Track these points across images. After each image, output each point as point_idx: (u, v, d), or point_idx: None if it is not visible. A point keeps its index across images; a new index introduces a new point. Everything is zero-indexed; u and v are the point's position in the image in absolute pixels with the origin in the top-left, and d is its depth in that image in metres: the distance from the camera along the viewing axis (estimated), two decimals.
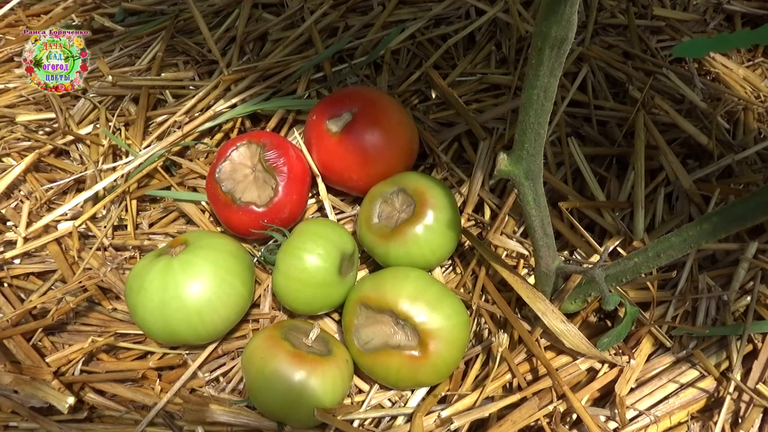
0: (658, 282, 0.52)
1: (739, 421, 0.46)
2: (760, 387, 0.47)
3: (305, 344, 0.49)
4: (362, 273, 0.60)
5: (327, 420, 0.44)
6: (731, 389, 0.46)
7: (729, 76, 0.69)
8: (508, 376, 0.50)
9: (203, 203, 0.64)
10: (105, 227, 0.62)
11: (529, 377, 0.51)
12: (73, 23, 0.85)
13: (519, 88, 0.69)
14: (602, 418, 0.47)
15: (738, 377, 0.47)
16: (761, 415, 0.46)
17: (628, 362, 0.49)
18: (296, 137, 0.64)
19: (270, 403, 0.47)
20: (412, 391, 0.52)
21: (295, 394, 0.46)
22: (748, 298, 0.51)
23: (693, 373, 0.49)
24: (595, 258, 0.54)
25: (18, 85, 0.78)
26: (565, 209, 0.55)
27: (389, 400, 0.53)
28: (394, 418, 0.51)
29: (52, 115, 0.72)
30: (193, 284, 0.50)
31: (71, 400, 0.49)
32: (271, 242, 0.56)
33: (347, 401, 0.52)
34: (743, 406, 0.46)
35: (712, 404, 0.48)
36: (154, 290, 0.50)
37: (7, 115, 0.74)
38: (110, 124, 0.71)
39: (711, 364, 0.48)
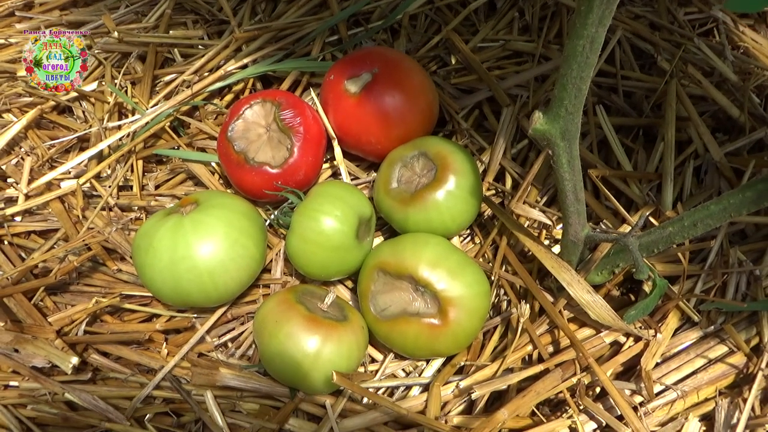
0: (687, 255, 0.51)
1: None
2: None
3: (320, 309, 0.47)
4: (378, 240, 0.58)
5: (346, 385, 0.43)
6: (763, 365, 0.45)
7: (759, 51, 0.67)
8: (529, 347, 0.49)
9: (213, 164, 0.62)
10: (110, 187, 0.60)
11: (551, 349, 0.49)
12: None
13: (543, 56, 0.66)
14: (627, 392, 0.45)
15: None
16: None
17: (654, 336, 0.47)
18: (312, 98, 0.61)
19: (283, 368, 0.45)
20: (427, 362, 0.51)
21: (310, 360, 0.44)
22: None
23: (722, 349, 0.47)
24: (624, 228, 0.53)
25: (20, 41, 0.75)
26: (595, 177, 0.52)
27: (403, 370, 0.51)
28: (408, 388, 0.49)
29: None
30: (204, 244, 0.48)
31: (75, 360, 0.47)
32: (285, 204, 0.54)
33: (361, 370, 0.50)
34: None
35: (741, 381, 0.46)
36: (163, 249, 0.48)
37: (7, 71, 0.71)
38: (116, 81, 0.68)
39: (741, 340, 0.47)
